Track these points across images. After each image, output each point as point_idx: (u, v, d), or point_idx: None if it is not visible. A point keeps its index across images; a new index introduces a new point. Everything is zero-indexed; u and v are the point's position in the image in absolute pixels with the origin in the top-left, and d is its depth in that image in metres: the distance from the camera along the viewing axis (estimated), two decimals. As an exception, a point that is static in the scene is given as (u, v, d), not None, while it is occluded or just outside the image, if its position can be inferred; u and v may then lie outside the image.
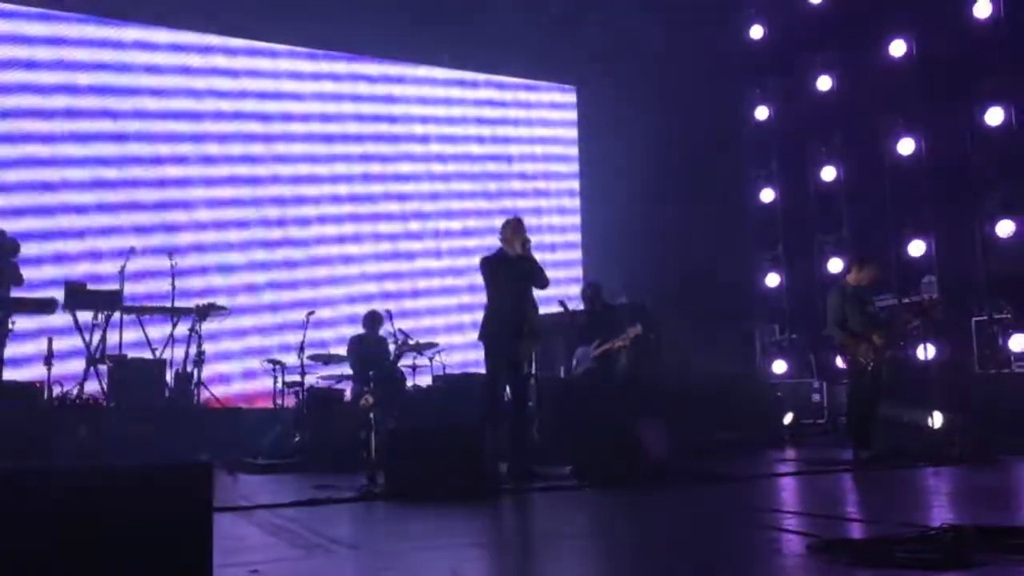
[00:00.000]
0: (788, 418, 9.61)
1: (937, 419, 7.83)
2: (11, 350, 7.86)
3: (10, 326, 7.73)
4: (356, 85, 11.76)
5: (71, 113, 10.03)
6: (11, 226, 8.47)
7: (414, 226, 11.82)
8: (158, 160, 10.41)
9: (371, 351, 8.79)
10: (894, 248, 9.82)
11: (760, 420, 9.13)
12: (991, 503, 4.67)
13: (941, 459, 6.50)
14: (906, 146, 9.94)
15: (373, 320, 8.99)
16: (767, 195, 11.74)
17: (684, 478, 5.59)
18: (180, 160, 10.54)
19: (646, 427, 5.65)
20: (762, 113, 11.82)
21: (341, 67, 11.69)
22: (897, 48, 10.10)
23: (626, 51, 11.55)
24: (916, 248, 9.74)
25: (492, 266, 6.18)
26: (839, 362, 7.22)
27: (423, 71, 12.19)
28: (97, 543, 2.29)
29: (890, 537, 2.94)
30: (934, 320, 7.81)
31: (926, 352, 8.21)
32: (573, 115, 13.33)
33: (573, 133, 13.29)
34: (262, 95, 11.13)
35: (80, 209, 9.93)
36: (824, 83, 10.99)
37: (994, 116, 9.13)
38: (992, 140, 9.15)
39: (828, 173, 10.91)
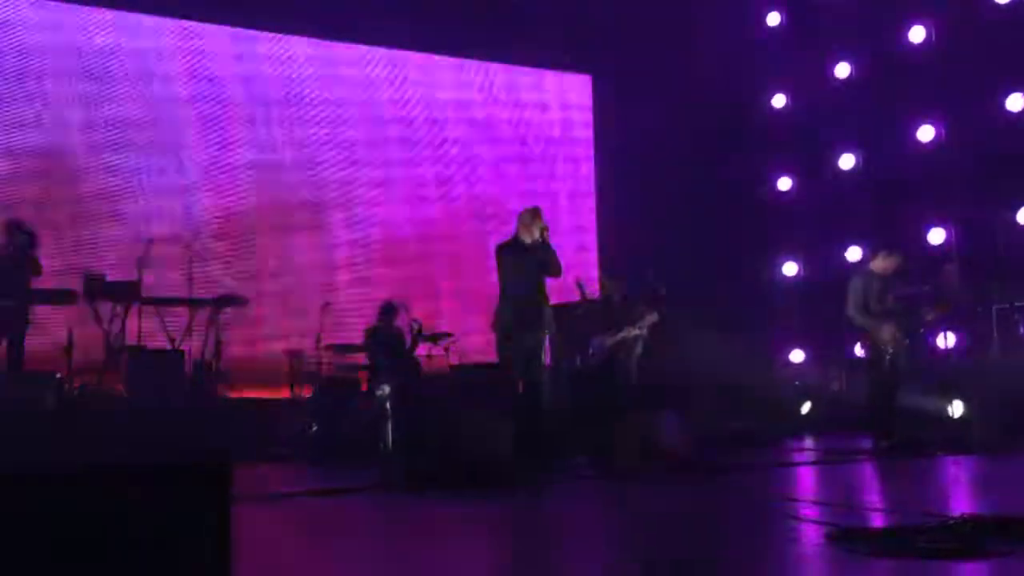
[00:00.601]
0: (806, 407, 9.56)
1: (957, 408, 7.77)
2: (32, 341, 7.94)
3: (30, 317, 7.82)
4: (370, 71, 11.76)
5: (90, 102, 10.09)
6: (31, 217, 8.55)
7: (430, 214, 11.83)
8: (175, 149, 10.47)
9: (387, 341, 8.82)
10: (914, 236, 9.72)
11: (778, 409, 9.08)
12: (1011, 493, 4.63)
13: (961, 448, 6.45)
14: (926, 133, 9.84)
15: (389, 310, 9.01)
16: (784, 183, 11.66)
17: (701, 467, 5.57)
18: (197, 149, 10.60)
19: (662, 416, 5.63)
20: (779, 100, 11.72)
21: (355, 54, 11.69)
22: (917, 34, 9.99)
23: (641, 39, 11.48)
24: (937, 236, 9.65)
25: (506, 254, 6.15)
26: (858, 349, 7.18)
27: (437, 59, 12.17)
28: (116, 534, 2.31)
29: (909, 526, 2.92)
30: (954, 310, 7.75)
31: (946, 340, 8.15)
32: (588, 103, 13.27)
33: (588, 120, 13.23)
34: (276, 83, 11.15)
35: (99, 200, 10.00)
36: (843, 70, 10.89)
37: (1015, 102, 9.01)
38: (1014, 126, 9.04)
39: (847, 161, 10.81)
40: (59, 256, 9.32)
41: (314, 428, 8.22)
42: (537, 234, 6.01)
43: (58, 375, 7.60)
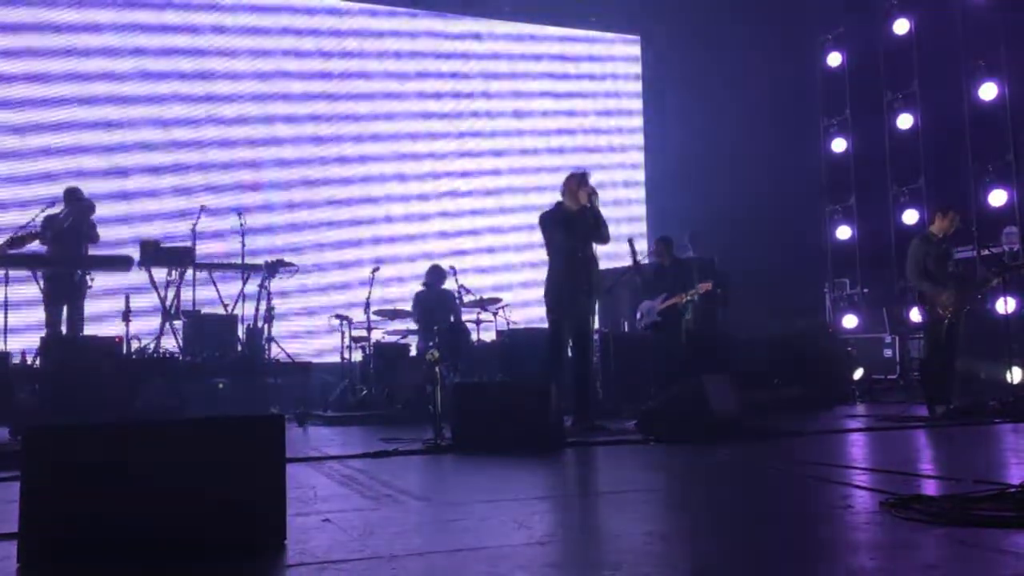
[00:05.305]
0: (859, 373, 9.42)
1: (1016, 374, 7.58)
2: (91, 306, 8.15)
3: (89, 283, 8.01)
4: (418, 41, 11.72)
5: (142, 75, 10.24)
6: (88, 187, 8.74)
7: (479, 182, 11.81)
8: (225, 120, 10.59)
9: (435, 306, 8.86)
10: (974, 198, 9.44)
11: (830, 376, 8.96)
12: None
13: (1020, 415, 6.30)
14: (988, 91, 9.49)
15: (437, 275, 9.04)
16: (839, 144, 11.39)
17: (752, 434, 5.52)
18: (245, 119, 10.71)
19: (712, 382, 5.58)
20: (835, 59, 11.40)
21: (403, 23, 11.65)
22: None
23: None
24: (997, 198, 9.35)
25: (551, 222, 6.11)
26: (914, 315, 7.01)
27: (484, 25, 12.08)
28: (176, 492, 2.38)
29: (967, 495, 2.86)
30: (1018, 275, 7.53)
31: (1006, 305, 7.92)
32: (638, 66, 13.07)
33: (638, 85, 13.04)
34: (324, 53, 11.18)
35: (153, 170, 10.19)
36: (901, 26, 10.54)
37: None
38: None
39: (904, 120, 10.50)
40: (116, 225, 9.55)
41: (364, 392, 8.33)
42: (584, 199, 5.96)
43: (116, 339, 7.79)
